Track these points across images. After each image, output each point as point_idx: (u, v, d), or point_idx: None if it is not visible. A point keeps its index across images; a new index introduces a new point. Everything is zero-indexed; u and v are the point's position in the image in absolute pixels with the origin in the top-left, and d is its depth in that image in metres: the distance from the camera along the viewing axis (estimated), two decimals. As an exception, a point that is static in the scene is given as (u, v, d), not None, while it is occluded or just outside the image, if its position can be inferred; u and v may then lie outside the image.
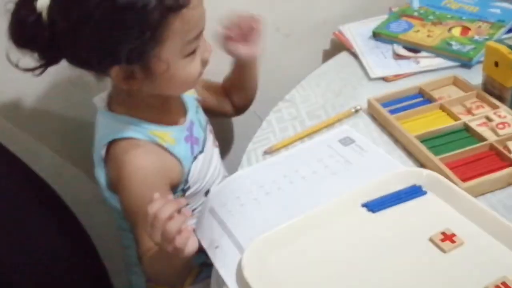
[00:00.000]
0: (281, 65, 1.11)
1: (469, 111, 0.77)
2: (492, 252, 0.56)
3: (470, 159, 0.69)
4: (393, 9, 1.09)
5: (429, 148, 0.70)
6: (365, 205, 0.63)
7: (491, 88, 0.79)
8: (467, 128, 0.74)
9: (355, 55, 0.99)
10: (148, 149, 0.71)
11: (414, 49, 0.95)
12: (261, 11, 1.04)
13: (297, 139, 0.80)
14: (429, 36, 0.96)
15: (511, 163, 0.67)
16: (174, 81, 0.69)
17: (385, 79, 0.91)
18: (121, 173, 0.70)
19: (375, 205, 0.62)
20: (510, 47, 0.74)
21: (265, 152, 0.79)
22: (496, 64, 0.76)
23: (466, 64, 0.90)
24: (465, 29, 0.97)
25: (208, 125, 0.86)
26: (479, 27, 0.97)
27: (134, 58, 0.62)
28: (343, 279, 0.55)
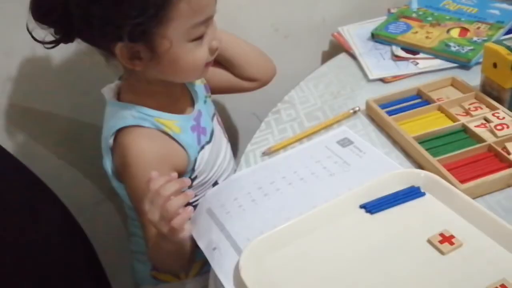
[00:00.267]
0: (280, 66, 1.10)
1: (467, 112, 0.77)
2: (491, 254, 0.55)
3: (468, 160, 0.69)
4: (392, 11, 1.09)
5: (427, 149, 0.70)
6: (363, 206, 0.63)
7: (489, 89, 0.79)
8: (465, 129, 0.74)
9: (353, 57, 0.99)
10: (153, 136, 0.71)
11: (412, 50, 0.95)
12: (261, 12, 1.05)
13: (296, 141, 0.80)
14: (427, 37, 0.96)
15: (510, 165, 0.66)
16: (179, 65, 0.68)
17: (383, 80, 0.91)
18: (126, 160, 0.70)
19: (373, 207, 0.62)
20: (509, 48, 0.74)
21: (263, 153, 0.79)
22: (494, 65, 0.76)
23: (464, 65, 0.90)
24: (464, 30, 0.97)
25: (216, 116, 0.86)
26: (478, 28, 0.96)
27: (137, 35, 0.62)
28: (341, 280, 0.55)
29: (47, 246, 0.81)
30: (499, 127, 0.72)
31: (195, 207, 0.81)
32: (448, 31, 0.97)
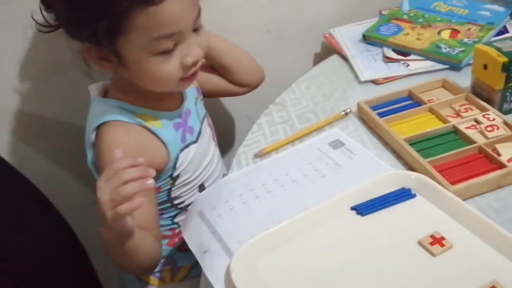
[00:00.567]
0: (272, 68, 1.10)
1: (458, 114, 0.77)
2: (481, 255, 0.55)
3: (459, 161, 0.69)
4: (383, 12, 1.09)
5: (418, 151, 0.70)
6: (354, 208, 0.63)
7: (480, 90, 0.79)
8: (456, 130, 0.74)
9: (345, 58, 0.99)
10: (130, 129, 0.71)
11: (403, 52, 0.96)
12: (252, 13, 1.05)
13: (288, 143, 0.80)
14: (418, 39, 0.96)
15: (500, 166, 0.67)
16: (146, 76, 0.68)
17: (375, 82, 0.91)
18: (100, 151, 0.70)
19: (364, 208, 0.62)
20: (499, 49, 0.74)
21: (255, 155, 0.79)
22: (485, 66, 0.76)
23: (455, 66, 0.90)
24: (455, 31, 0.97)
25: (207, 119, 0.86)
26: (469, 29, 0.97)
27: (93, 40, 0.63)
28: (333, 282, 0.54)
29: (38, 248, 0.81)
30: (489, 129, 0.72)
31: (179, 207, 0.82)
32: (439, 32, 0.97)
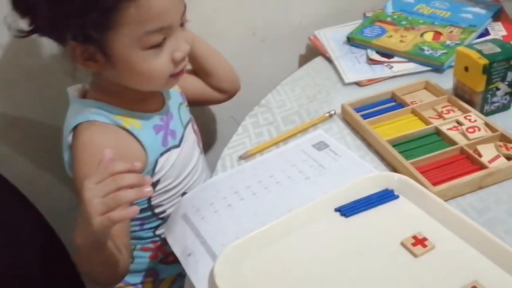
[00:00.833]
0: (257, 70, 1.11)
1: (440, 115, 0.78)
2: (463, 256, 0.56)
3: (441, 162, 0.70)
4: (367, 14, 1.10)
5: (401, 152, 0.71)
6: (338, 210, 0.63)
7: (461, 92, 0.80)
8: (438, 132, 0.75)
9: (329, 60, 1.00)
10: (107, 129, 0.69)
11: (387, 54, 0.96)
12: (237, 15, 1.05)
13: (272, 144, 0.80)
14: (402, 41, 0.97)
15: (481, 167, 0.68)
16: (134, 73, 0.67)
17: (358, 84, 0.92)
18: (75, 150, 0.68)
19: (347, 210, 0.62)
20: (480, 52, 0.75)
21: (240, 157, 0.79)
22: (466, 69, 0.77)
23: (438, 68, 0.91)
24: (437, 34, 0.98)
25: (192, 124, 0.85)
26: (451, 32, 0.98)
27: (80, 37, 0.61)
28: (317, 283, 0.55)
29: (22, 252, 0.80)
30: (470, 130, 0.73)
31: (161, 217, 0.81)
32: (422, 35, 0.98)
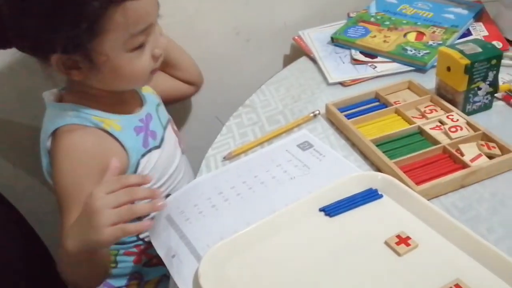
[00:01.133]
0: (242, 70, 1.11)
1: (423, 115, 0.79)
2: (445, 254, 0.56)
3: (424, 162, 0.70)
4: (351, 15, 1.10)
5: (384, 152, 0.71)
6: (322, 210, 0.63)
7: (444, 92, 0.81)
8: (421, 131, 0.76)
9: (314, 60, 1.00)
10: (88, 132, 0.69)
11: (371, 54, 0.97)
12: (222, 16, 1.04)
13: (257, 145, 0.80)
14: (385, 41, 0.97)
15: (464, 166, 0.68)
16: (120, 75, 0.67)
17: (342, 84, 0.92)
18: (55, 154, 0.68)
19: (332, 210, 0.62)
20: (461, 52, 0.76)
21: (224, 158, 0.79)
22: (448, 69, 0.78)
23: (421, 68, 0.92)
24: (420, 34, 0.99)
25: (171, 125, 0.84)
26: (434, 32, 0.99)
27: (70, 48, 0.61)
28: (301, 284, 0.55)
29: (3, 256, 0.79)
30: (453, 129, 0.74)
31: (143, 218, 0.79)
32: (405, 35, 0.99)
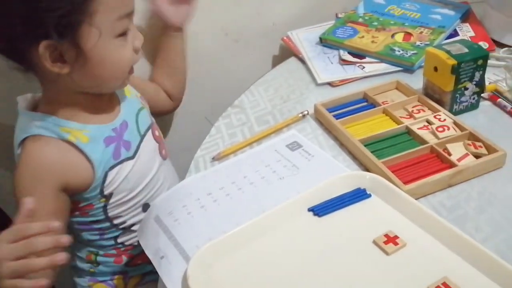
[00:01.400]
0: (230, 70, 1.11)
1: (411, 115, 0.79)
2: (433, 253, 0.57)
3: (412, 161, 0.71)
4: (339, 15, 1.11)
5: (372, 151, 0.72)
6: (311, 210, 0.63)
7: (431, 92, 0.81)
8: (409, 131, 0.76)
9: (302, 61, 1.00)
10: (50, 144, 0.69)
11: (359, 54, 0.97)
12: (210, 16, 1.04)
13: (246, 145, 0.80)
14: (373, 42, 0.98)
15: (451, 165, 0.69)
16: (105, 65, 0.67)
17: (331, 84, 0.92)
18: (18, 166, 0.68)
19: (320, 209, 0.63)
20: (448, 52, 0.77)
21: (213, 158, 0.79)
22: (435, 69, 0.78)
23: (408, 69, 0.93)
24: (408, 35, 0.99)
25: (152, 131, 0.82)
26: (421, 33, 1.00)
27: (63, 28, 0.61)
28: (290, 283, 0.55)
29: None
30: (440, 129, 0.74)
31: (121, 227, 0.80)
32: (392, 35, 1.00)
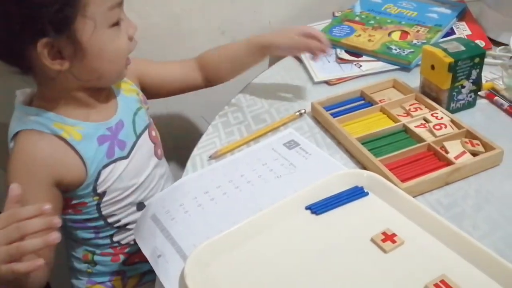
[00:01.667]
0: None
1: (408, 113, 0.79)
2: (431, 250, 0.57)
3: (409, 159, 0.71)
4: (336, 14, 1.11)
5: (370, 150, 0.72)
6: (308, 208, 0.63)
7: (428, 90, 0.82)
8: (406, 129, 0.76)
9: (299, 60, 1.00)
10: (42, 138, 0.68)
11: (356, 53, 0.97)
12: (207, 15, 1.04)
13: (243, 144, 0.80)
14: (370, 40, 0.98)
15: (448, 163, 0.69)
16: (103, 55, 0.67)
17: (328, 82, 0.92)
18: (10, 156, 0.68)
19: (318, 208, 0.63)
20: (445, 50, 0.77)
21: (210, 157, 0.78)
22: (432, 67, 0.78)
23: (405, 67, 0.93)
24: (404, 33, 1.00)
25: (149, 131, 0.82)
26: (418, 31, 1.00)
27: (59, 24, 0.61)
28: (288, 282, 0.55)
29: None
30: (437, 127, 0.74)
31: (116, 226, 0.79)
32: (389, 34, 1.00)
